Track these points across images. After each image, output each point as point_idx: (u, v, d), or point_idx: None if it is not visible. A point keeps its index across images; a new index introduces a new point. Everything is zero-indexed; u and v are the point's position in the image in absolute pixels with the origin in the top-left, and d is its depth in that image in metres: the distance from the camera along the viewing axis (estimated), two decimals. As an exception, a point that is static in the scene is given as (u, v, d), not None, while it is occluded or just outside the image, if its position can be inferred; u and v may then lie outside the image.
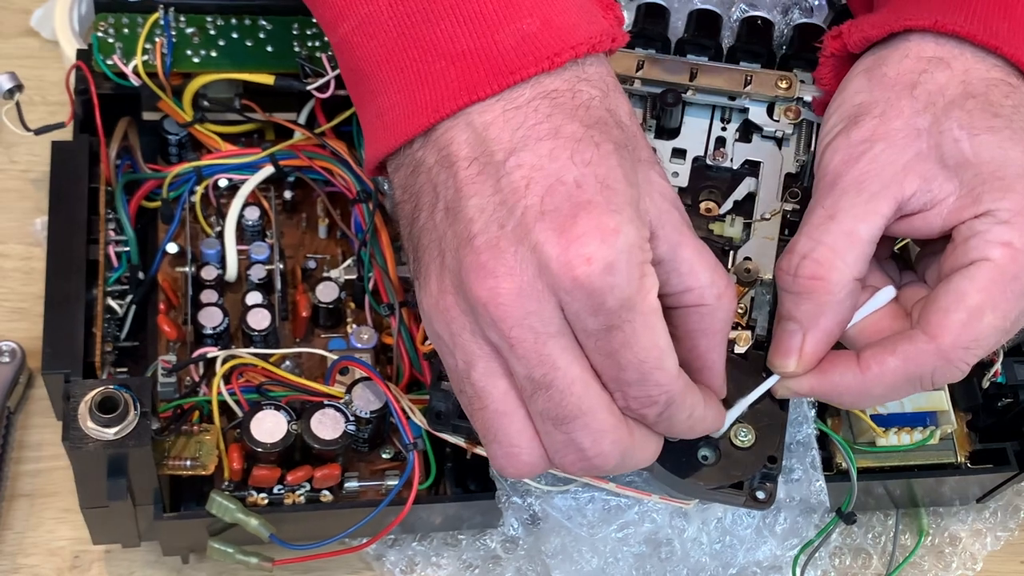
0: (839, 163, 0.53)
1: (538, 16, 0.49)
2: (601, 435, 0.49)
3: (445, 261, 0.49)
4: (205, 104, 0.70)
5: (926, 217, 0.53)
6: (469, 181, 0.48)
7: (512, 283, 0.47)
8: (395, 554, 0.67)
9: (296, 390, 0.62)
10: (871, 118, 0.53)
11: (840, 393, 0.54)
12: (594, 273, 0.46)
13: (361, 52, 0.51)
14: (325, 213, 0.70)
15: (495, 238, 0.47)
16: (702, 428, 0.53)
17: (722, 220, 0.62)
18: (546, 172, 0.47)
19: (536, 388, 0.48)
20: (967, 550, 0.71)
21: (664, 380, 0.49)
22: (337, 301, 0.67)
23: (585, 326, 0.47)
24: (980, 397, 0.68)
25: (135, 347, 0.66)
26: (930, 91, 0.53)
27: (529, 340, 0.47)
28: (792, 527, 0.64)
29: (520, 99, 0.48)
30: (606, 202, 0.47)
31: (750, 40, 0.65)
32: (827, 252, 0.52)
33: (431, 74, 0.49)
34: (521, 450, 0.50)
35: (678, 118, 0.63)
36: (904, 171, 0.52)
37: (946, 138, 0.52)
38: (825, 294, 0.53)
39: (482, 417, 0.50)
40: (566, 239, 0.46)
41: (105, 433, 0.54)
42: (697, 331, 0.51)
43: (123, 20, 0.69)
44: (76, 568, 0.66)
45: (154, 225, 0.69)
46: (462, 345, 0.49)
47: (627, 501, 0.62)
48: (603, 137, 0.48)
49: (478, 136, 0.48)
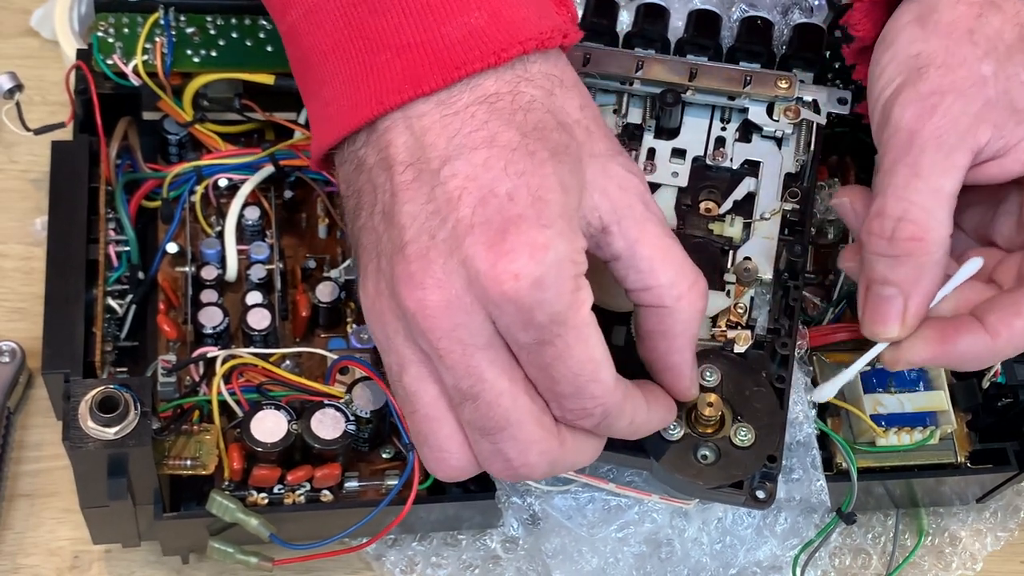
0: (911, 118, 0.53)
1: (486, 10, 0.49)
2: (527, 446, 0.49)
3: (380, 265, 0.49)
4: (205, 104, 0.70)
5: (1002, 163, 0.53)
6: (404, 187, 0.48)
7: (440, 295, 0.47)
8: (395, 554, 0.67)
9: (296, 390, 0.62)
10: (935, 68, 0.53)
11: (966, 359, 0.54)
12: (522, 289, 0.46)
13: (308, 41, 0.50)
14: (325, 213, 0.70)
15: (425, 248, 0.47)
16: (646, 431, 0.52)
17: (722, 220, 0.62)
18: (479, 183, 0.47)
19: (464, 398, 0.48)
20: (967, 550, 0.71)
21: (599, 392, 0.48)
22: (337, 301, 0.67)
23: (517, 339, 0.47)
24: (980, 397, 0.68)
25: (135, 347, 0.66)
26: (988, 36, 0.53)
27: (457, 352, 0.47)
28: (792, 527, 0.64)
29: (458, 103, 0.48)
30: (537, 215, 0.46)
31: (750, 40, 0.65)
32: (921, 212, 0.52)
33: (375, 65, 0.49)
34: (450, 455, 0.51)
35: (678, 118, 0.63)
36: (977, 121, 0.52)
37: (1013, 83, 0.53)
38: (925, 255, 0.52)
39: (413, 420, 0.51)
40: (495, 254, 0.46)
41: (105, 433, 0.54)
42: (656, 332, 0.51)
43: (123, 20, 0.69)
44: (76, 568, 0.66)
45: (154, 225, 0.69)
46: (395, 348, 0.49)
47: (627, 501, 0.62)
48: (539, 145, 0.48)
49: (416, 141, 0.48)
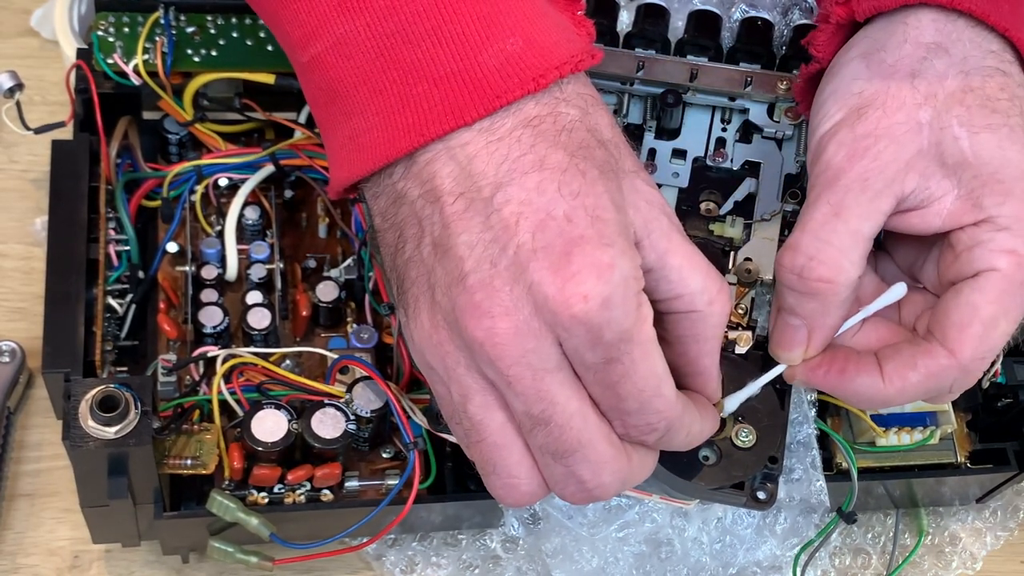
0: (843, 159, 0.53)
1: (520, 36, 0.48)
2: (601, 466, 0.49)
3: (436, 297, 0.48)
4: (205, 103, 0.70)
5: (924, 215, 0.53)
6: (456, 217, 0.47)
7: (509, 323, 0.46)
8: (395, 554, 0.67)
9: (296, 389, 0.62)
10: (873, 110, 0.53)
11: (859, 397, 0.55)
12: (592, 310, 0.46)
13: (336, 73, 0.50)
14: (325, 212, 0.70)
15: (488, 277, 0.47)
16: (699, 442, 0.53)
17: (722, 221, 0.62)
18: (535, 207, 0.47)
19: (535, 424, 0.48)
20: (967, 550, 0.71)
21: (663, 407, 0.49)
22: (337, 300, 0.67)
23: (584, 360, 0.47)
24: (980, 397, 0.68)
25: (135, 346, 0.66)
26: (930, 80, 0.53)
27: (527, 377, 0.47)
28: (792, 527, 0.64)
29: (502, 129, 0.48)
30: (598, 236, 0.46)
31: (750, 41, 0.65)
32: (834, 253, 0.52)
33: (412, 96, 0.48)
34: (520, 481, 0.50)
35: (678, 119, 0.63)
36: (905, 168, 0.52)
37: (946, 135, 0.52)
38: (832, 295, 0.53)
39: (480, 449, 0.50)
40: (562, 277, 0.46)
41: (105, 432, 0.54)
42: (688, 336, 0.51)
43: (123, 19, 0.69)
44: (76, 568, 0.66)
45: (154, 224, 0.69)
46: (457, 379, 0.49)
47: (627, 501, 0.62)
48: (587, 164, 0.48)
49: (462, 170, 0.48)
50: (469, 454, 0.51)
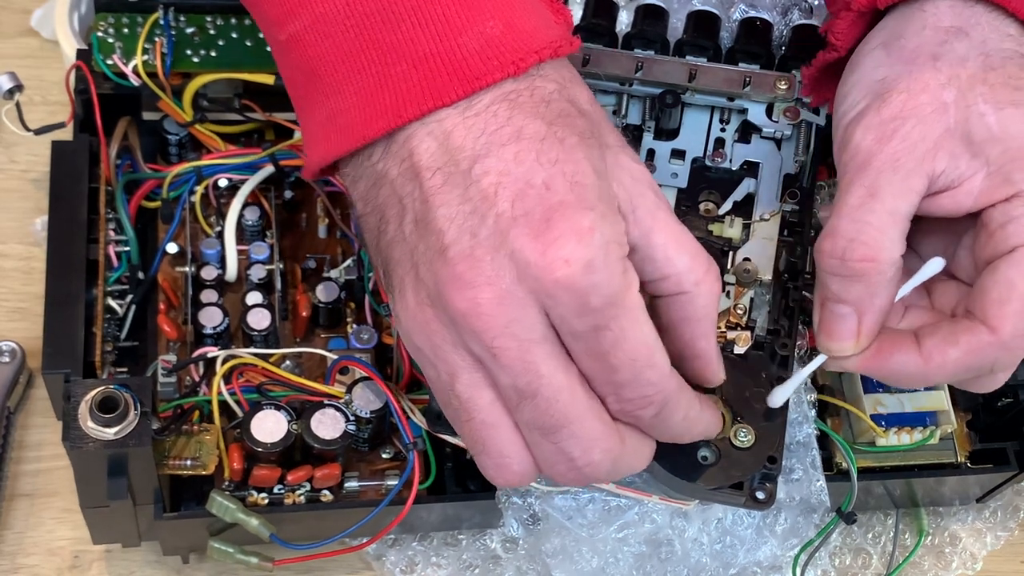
0: (872, 142, 0.53)
1: (500, 19, 0.48)
2: (591, 443, 0.49)
3: (419, 274, 0.48)
4: (205, 104, 0.70)
5: (955, 196, 0.53)
6: (435, 191, 0.47)
7: (492, 292, 0.46)
8: (395, 554, 0.67)
9: (296, 390, 0.62)
10: (898, 93, 0.53)
11: (898, 376, 0.54)
12: (575, 274, 0.46)
13: (313, 52, 0.50)
14: (325, 213, 0.70)
15: (469, 247, 0.46)
16: (698, 431, 0.52)
17: (721, 221, 0.62)
18: (514, 176, 0.47)
19: (522, 398, 0.48)
20: (967, 550, 0.71)
21: (657, 378, 0.48)
22: (337, 301, 0.67)
23: (572, 329, 0.47)
24: (980, 396, 0.68)
25: (135, 347, 0.66)
26: (952, 62, 0.53)
27: (512, 348, 0.47)
28: (792, 527, 0.64)
29: (479, 105, 0.48)
30: (577, 200, 0.46)
31: (749, 41, 0.65)
32: (875, 233, 0.52)
33: (392, 77, 0.48)
34: (511, 460, 0.50)
35: (677, 119, 0.63)
36: (935, 147, 0.52)
37: (972, 112, 0.52)
38: (877, 275, 0.52)
39: (469, 429, 0.50)
40: (543, 243, 0.46)
41: (105, 433, 0.54)
42: (680, 319, 0.51)
43: (123, 20, 0.69)
44: (76, 568, 0.66)
45: (154, 225, 0.69)
46: (444, 357, 0.49)
47: (627, 501, 0.62)
48: (567, 131, 0.48)
49: (440, 145, 0.48)
50: (460, 436, 0.51)
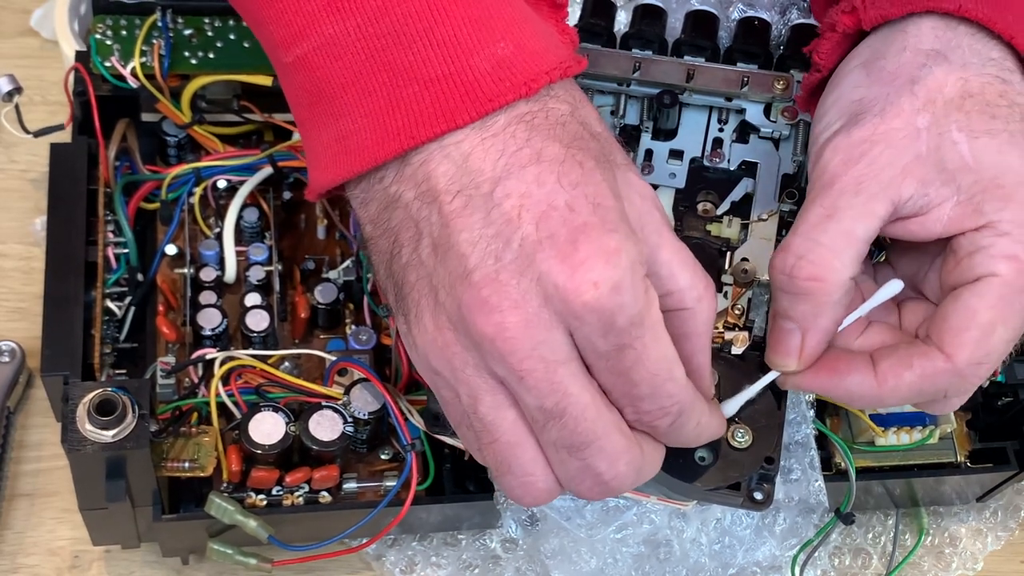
0: (839, 163, 0.53)
1: (510, 40, 0.48)
2: (616, 457, 0.49)
3: (439, 298, 0.48)
4: (203, 105, 0.70)
5: (923, 222, 0.53)
6: (456, 215, 0.47)
7: (518, 316, 0.46)
8: (395, 554, 0.67)
9: (294, 391, 0.62)
10: (872, 116, 0.53)
11: (851, 397, 0.54)
12: (603, 296, 0.46)
13: (323, 73, 0.49)
14: (324, 214, 0.70)
15: (494, 271, 0.46)
16: (707, 435, 0.52)
17: (719, 221, 0.62)
18: (536, 199, 0.47)
19: (548, 418, 0.48)
20: (967, 550, 0.71)
21: (675, 390, 0.49)
22: (336, 302, 0.67)
23: (596, 348, 0.47)
24: (980, 396, 0.68)
25: (134, 349, 0.66)
26: (929, 87, 0.53)
27: (540, 370, 0.47)
28: (791, 527, 0.64)
29: (495, 126, 0.48)
30: (601, 222, 0.46)
31: (747, 41, 0.65)
32: (825, 253, 0.52)
33: (403, 99, 0.48)
34: (537, 478, 0.50)
35: (675, 119, 0.63)
36: (903, 174, 0.52)
37: (945, 140, 0.52)
38: (823, 295, 0.52)
39: (493, 450, 0.50)
40: (570, 266, 0.46)
41: (103, 435, 0.54)
42: (680, 335, 0.50)
43: (121, 22, 0.69)
44: (76, 568, 0.66)
45: (153, 226, 0.69)
46: (465, 380, 0.48)
47: (625, 502, 0.62)
48: (584, 155, 0.48)
49: (459, 168, 0.47)
50: (481, 457, 0.51)
